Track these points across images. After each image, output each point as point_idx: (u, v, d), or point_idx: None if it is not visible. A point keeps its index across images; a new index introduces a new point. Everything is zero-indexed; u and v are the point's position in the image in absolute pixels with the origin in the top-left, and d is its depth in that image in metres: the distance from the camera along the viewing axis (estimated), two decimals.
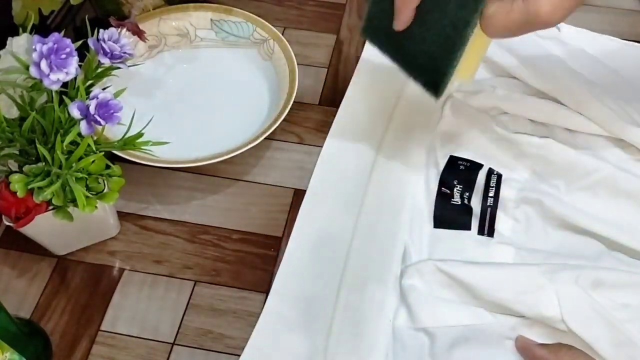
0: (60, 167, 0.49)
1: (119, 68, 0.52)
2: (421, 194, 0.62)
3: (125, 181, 0.54)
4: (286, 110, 0.63)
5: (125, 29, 0.66)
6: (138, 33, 0.67)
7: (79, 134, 0.48)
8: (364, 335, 0.53)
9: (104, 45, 0.50)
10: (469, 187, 0.61)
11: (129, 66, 0.53)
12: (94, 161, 0.50)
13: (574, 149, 0.62)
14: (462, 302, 0.55)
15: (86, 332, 0.55)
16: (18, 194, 0.49)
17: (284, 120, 0.63)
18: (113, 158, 0.55)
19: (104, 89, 0.49)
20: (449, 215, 0.60)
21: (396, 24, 0.52)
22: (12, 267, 0.59)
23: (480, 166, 0.62)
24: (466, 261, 0.56)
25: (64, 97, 0.49)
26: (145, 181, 0.64)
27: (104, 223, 0.59)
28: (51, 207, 0.51)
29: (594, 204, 0.60)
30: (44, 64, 0.45)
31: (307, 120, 0.68)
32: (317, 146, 0.66)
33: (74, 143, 0.49)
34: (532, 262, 0.55)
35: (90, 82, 0.52)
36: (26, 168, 0.50)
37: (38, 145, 0.48)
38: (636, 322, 0.51)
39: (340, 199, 0.61)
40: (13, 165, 0.51)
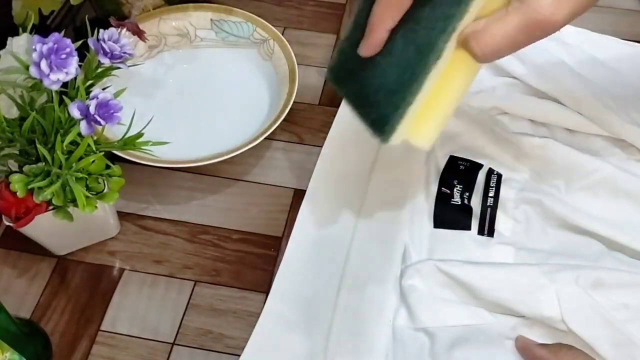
0: (60, 167, 0.49)
1: (119, 68, 0.52)
2: (421, 194, 0.62)
3: (125, 181, 0.54)
4: (286, 110, 0.63)
5: (125, 29, 0.66)
6: (138, 33, 0.67)
7: (79, 134, 0.48)
8: (364, 335, 0.53)
9: (104, 45, 0.50)
10: (469, 187, 0.61)
11: (129, 66, 0.53)
12: (94, 161, 0.50)
13: (574, 149, 0.62)
14: (462, 302, 0.55)
15: (86, 332, 0.55)
16: (18, 194, 0.49)
17: (284, 120, 0.63)
18: (113, 158, 0.55)
19: (104, 89, 0.49)
20: (449, 215, 0.60)
21: (363, 47, 0.43)
22: (12, 267, 0.59)
23: (480, 166, 0.62)
24: (466, 261, 0.56)
25: (64, 97, 0.49)
26: (145, 181, 0.64)
27: (104, 223, 0.59)
28: (51, 207, 0.51)
29: (594, 204, 0.60)
30: (44, 64, 0.45)
31: (307, 120, 0.68)
32: (317, 146, 0.66)
33: (74, 143, 0.49)
34: (532, 262, 0.55)
35: (90, 82, 0.52)
36: (26, 168, 0.50)
37: (38, 145, 0.48)
38: (636, 322, 0.51)
39: (340, 199, 0.61)
40: (13, 165, 0.51)
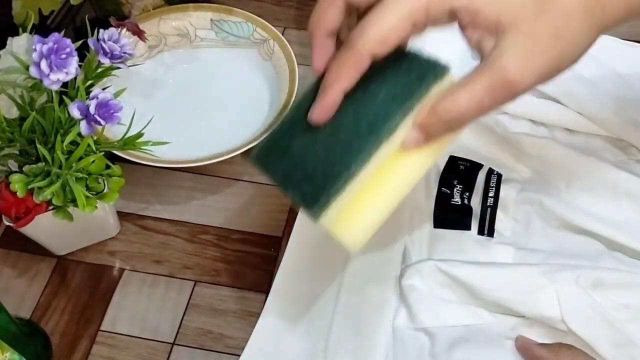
0: (60, 167, 0.49)
1: (119, 68, 0.52)
2: (421, 194, 0.62)
3: (125, 181, 0.54)
4: (286, 110, 0.63)
5: (125, 29, 0.66)
6: (138, 33, 0.67)
7: (79, 134, 0.48)
8: (364, 335, 0.53)
9: (104, 45, 0.50)
10: (469, 187, 0.61)
11: (129, 66, 0.53)
12: (94, 161, 0.50)
13: (574, 149, 0.62)
14: (462, 302, 0.55)
15: (86, 332, 0.55)
16: (18, 194, 0.49)
17: None
18: (113, 158, 0.55)
19: (104, 89, 0.49)
20: (449, 215, 0.60)
21: (315, 109, 0.40)
22: (12, 267, 0.59)
23: (480, 166, 0.62)
24: (466, 261, 0.56)
25: (64, 97, 0.49)
26: (145, 181, 0.64)
27: (104, 223, 0.59)
28: (51, 207, 0.51)
29: (594, 204, 0.59)
30: (44, 64, 0.45)
31: None
32: None
33: (74, 143, 0.49)
34: (532, 262, 0.55)
35: (90, 82, 0.52)
36: (26, 168, 0.50)
37: (38, 145, 0.48)
38: (636, 322, 0.51)
39: None
40: (13, 165, 0.51)
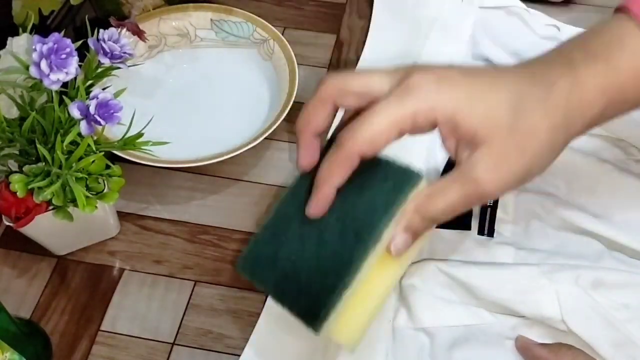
0: (60, 167, 0.49)
1: (119, 68, 0.52)
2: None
3: (125, 181, 0.54)
4: (286, 110, 0.63)
5: (125, 29, 0.66)
6: (138, 33, 0.67)
7: (79, 134, 0.48)
8: None
9: (104, 45, 0.50)
10: None
11: (129, 66, 0.53)
12: (94, 161, 0.50)
13: (573, 149, 0.62)
14: (462, 302, 0.55)
15: (86, 332, 0.55)
16: (18, 194, 0.49)
17: (284, 120, 0.63)
18: (113, 158, 0.55)
19: (104, 89, 0.49)
20: None
21: (311, 205, 0.43)
22: (12, 267, 0.59)
23: None
24: (466, 261, 0.56)
25: (64, 97, 0.49)
26: (145, 181, 0.64)
27: (104, 223, 0.59)
28: (51, 207, 0.51)
29: (594, 204, 0.59)
30: (44, 64, 0.45)
31: None
32: None
33: (74, 143, 0.49)
34: (532, 262, 0.55)
35: (90, 82, 0.52)
36: (26, 168, 0.50)
37: (38, 145, 0.48)
38: (636, 322, 0.51)
39: None
40: (13, 165, 0.51)
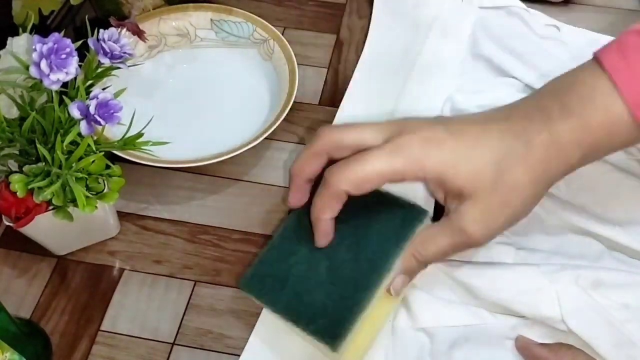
0: (60, 167, 0.49)
1: (119, 68, 0.52)
2: (421, 193, 0.62)
3: (125, 181, 0.54)
4: (286, 110, 0.63)
5: (125, 29, 0.66)
6: (138, 33, 0.67)
7: (79, 134, 0.48)
8: None
9: (104, 45, 0.50)
10: None
11: (129, 66, 0.53)
12: (94, 161, 0.50)
13: None
14: (462, 303, 0.55)
15: (86, 332, 0.55)
16: (18, 194, 0.49)
17: (284, 120, 0.63)
18: (113, 158, 0.55)
19: (104, 89, 0.49)
20: None
21: (317, 239, 0.50)
22: (12, 267, 0.59)
23: None
24: (466, 261, 0.56)
25: (64, 97, 0.49)
26: (145, 181, 0.64)
27: (104, 223, 0.59)
28: (51, 207, 0.51)
29: (594, 204, 0.59)
30: (44, 64, 0.45)
31: (307, 120, 0.68)
32: None
33: (74, 143, 0.49)
34: (532, 262, 0.55)
35: (90, 82, 0.52)
36: (26, 168, 0.50)
37: (38, 145, 0.48)
38: (636, 322, 0.51)
39: None
40: (13, 165, 0.51)
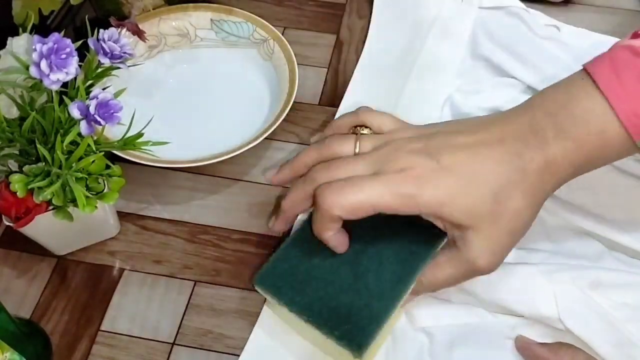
0: (60, 167, 0.49)
1: (119, 68, 0.52)
2: None
3: (125, 181, 0.54)
4: (286, 110, 0.63)
5: (125, 29, 0.66)
6: (138, 33, 0.67)
7: (79, 134, 0.48)
8: None
9: (104, 45, 0.50)
10: None
11: (129, 66, 0.53)
12: (94, 161, 0.50)
13: None
14: (461, 302, 0.55)
15: (86, 332, 0.55)
16: (18, 194, 0.49)
17: (284, 120, 0.63)
18: (113, 158, 0.55)
19: (104, 89, 0.49)
20: None
21: (333, 249, 0.51)
22: (12, 267, 0.59)
23: None
24: None
25: (64, 97, 0.49)
26: (145, 181, 0.64)
27: (104, 223, 0.59)
28: (51, 207, 0.51)
29: (594, 204, 0.59)
30: (44, 64, 0.45)
31: (307, 120, 0.68)
32: None
33: (74, 143, 0.49)
34: (531, 262, 0.55)
35: (90, 82, 0.52)
36: (26, 168, 0.50)
37: (38, 145, 0.48)
38: (635, 322, 0.51)
39: None
40: (13, 165, 0.51)
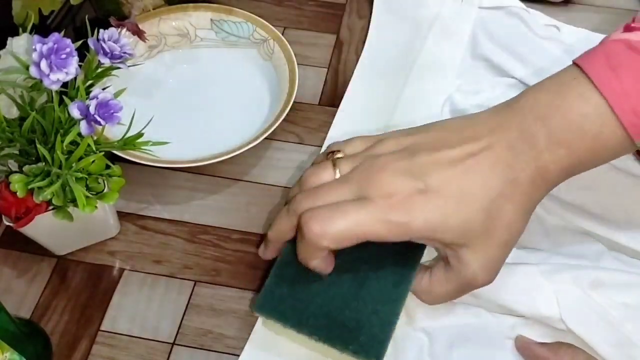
0: (60, 167, 0.49)
1: (119, 68, 0.52)
2: None
3: (125, 181, 0.54)
4: (286, 110, 0.63)
5: (125, 29, 0.66)
6: (138, 33, 0.67)
7: (79, 134, 0.48)
8: None
9: (104, 45, 0.50)
10: None
11: (129, 66, 0.53)
12: (94, 161, 0.50)
13: None
14: (461, 302, 0.54)
15: (86, 332, 0.55)
16: (18, 194, 0.49)
17: (284, 120, 0.63)
18: (113, 158, 0.55)
19: (104, 89, 0.49)
20: None
21: (320, 273, 0.51)
22: (12, 267, 0.59)
23: None
24: None
25: (64, 97, 0.49)
26: (145, 181, 0.64)
27: (104, 223, 0.59)
28: (51, 207, 0.51)
29: (594, 204, 0.60)
30: (44, 64, 0.45)
31: (307, 120, 0.68)
32: (317, 146, 0.66)
33: (74, 143, 0.49)
34: (531, 262, 0.55)
35: (90, 82, 0.52)
36: (26, 168, 0.50)
37: (38, 145, 0.48)
38: (635, 322, 0.51)
39: None
40: (13, 165, 0.51)
